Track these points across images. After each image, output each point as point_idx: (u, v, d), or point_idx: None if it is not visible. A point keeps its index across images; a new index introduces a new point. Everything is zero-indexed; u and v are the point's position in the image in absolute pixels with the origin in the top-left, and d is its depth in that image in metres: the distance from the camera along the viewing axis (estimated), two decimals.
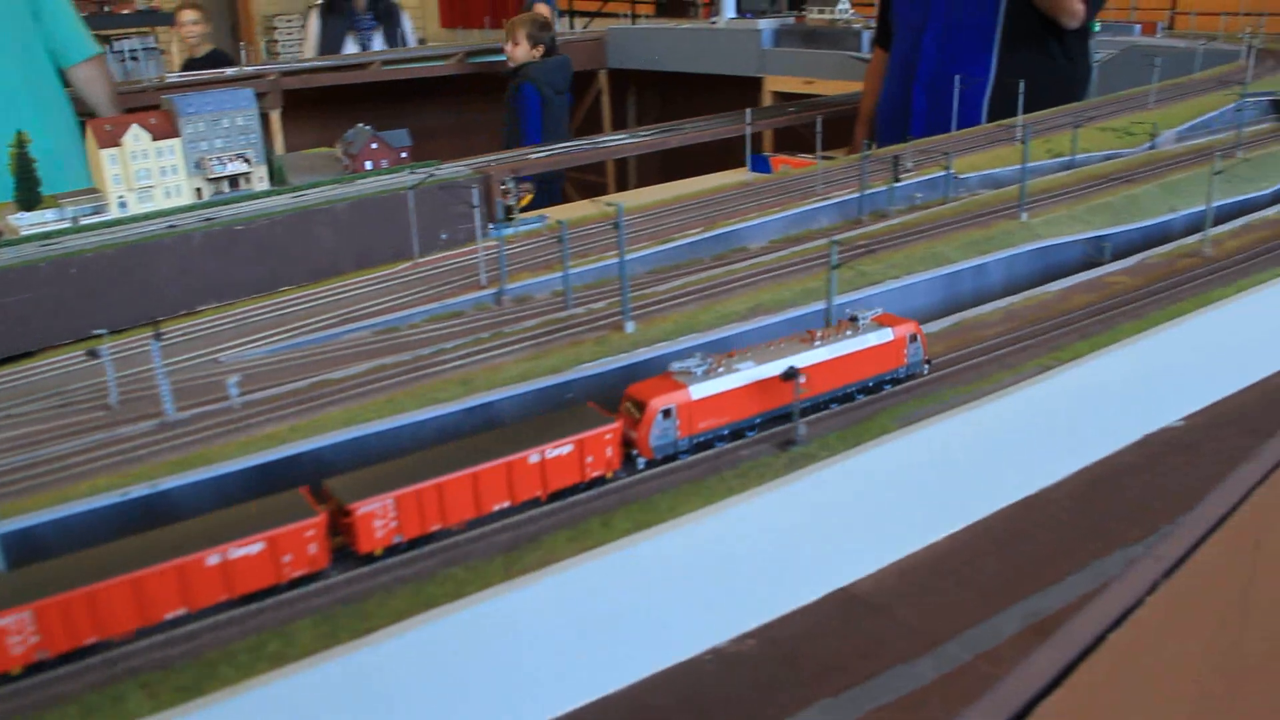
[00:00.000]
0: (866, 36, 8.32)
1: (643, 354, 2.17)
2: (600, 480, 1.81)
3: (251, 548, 1.53)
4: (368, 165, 5.07)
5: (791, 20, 9.53)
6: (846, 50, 8.53)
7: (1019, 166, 3.90)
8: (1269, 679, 3.13)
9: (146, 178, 4.49)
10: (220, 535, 1.54)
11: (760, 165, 6.67)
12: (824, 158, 4.66)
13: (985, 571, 1.90)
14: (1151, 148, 4.26)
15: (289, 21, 18.37)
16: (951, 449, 1.93)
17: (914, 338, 2.19)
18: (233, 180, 4.83)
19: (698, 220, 3.21)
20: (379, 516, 1.62)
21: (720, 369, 1.92)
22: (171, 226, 4.25)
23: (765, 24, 9.33)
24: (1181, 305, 2.53)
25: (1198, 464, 2.33)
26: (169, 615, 1.51)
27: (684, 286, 2.53)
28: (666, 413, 1.85)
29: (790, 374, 1.85)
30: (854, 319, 2.15)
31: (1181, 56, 6.68)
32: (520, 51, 8.61)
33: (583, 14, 16.86)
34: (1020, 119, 4.38)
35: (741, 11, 10.60)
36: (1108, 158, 4.17)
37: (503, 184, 5.09)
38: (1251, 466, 2.43)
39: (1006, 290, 2.79)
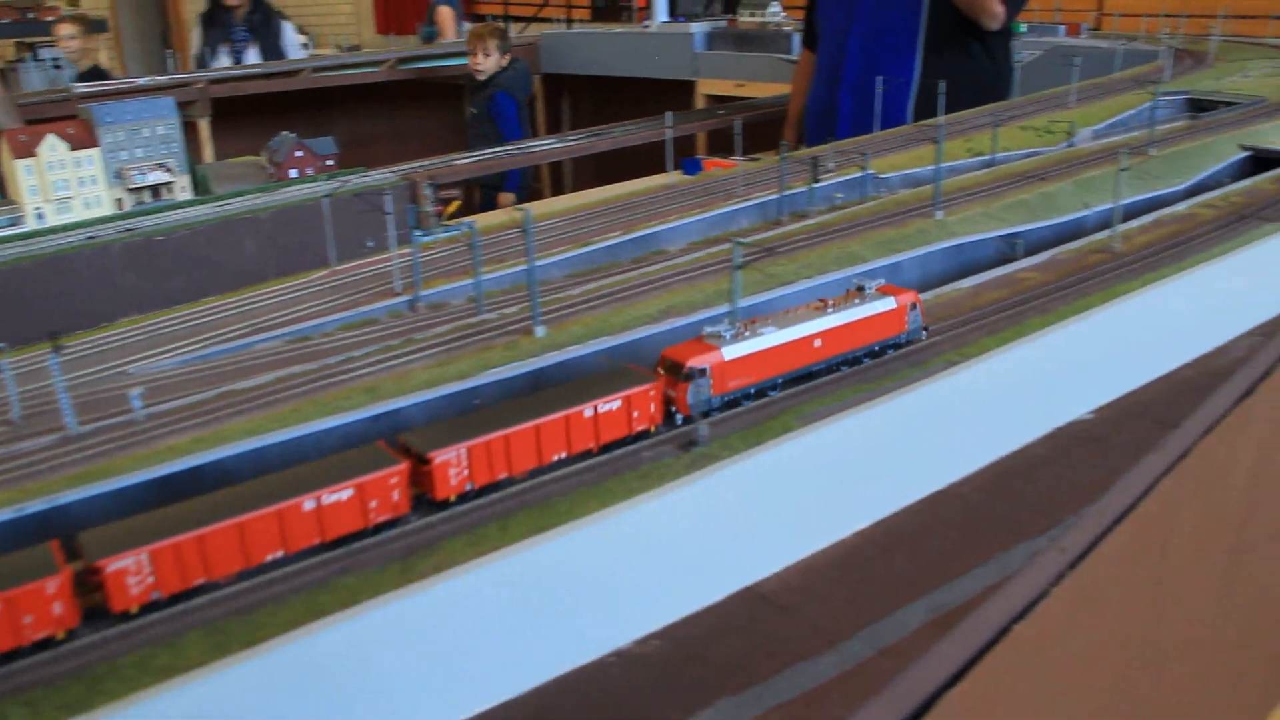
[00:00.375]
0: (797, 39, 8.38)
1: (552, 358, 2.17)
2: (645, 434, 1.95)
3: (342, 494, 1.64)
4: (292, 173, 5.02)
5: (724, 24, 9.58)
6: (777, 53, 8.59)
7: (938, 166, 3.96)
8: (1185, 666, 3.18)
9: (64, 188, 4.42)
10: (312, 483, 1.64)
11: (692, 168, 6.69)
12: (752, 159, 4.69)
13: (891, 568, 1.91)
14: (1069, 146, 4.32)
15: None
16: (856, 446, 1.94)
17: (914, 306, 2.35)
18: (154, 190, 4.77)
19: (619, 223, 3.21)
20: (454, 465, 1.73)
21: (747, 334, 2.06)
22: (91, 238, 4.19)
23: (697, 28, 9.37)
24: (1089, 300, 2.57)
25: (1106, 456, 2.37)
26: (269, 557, 1.61)
27: (597, 290, 2.53)
28: (702, 372, 1.98)
29: (689, 375, 1.85)
30: (860, 288, 2.30)
31: (1103, 56, 6.79)
32: (491, 62, 8.83)
33: (519, 19, 16.84)
34: (941, 119, 4.43)
35: (675, 15, 10.63)
36: (1028, 156, 4.23)
37: (428, 192, 5.08)
38: (1157, 457, 2.47)
39: (921, 288, 2.81)
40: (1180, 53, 7.01)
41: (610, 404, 1.89)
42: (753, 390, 2.09)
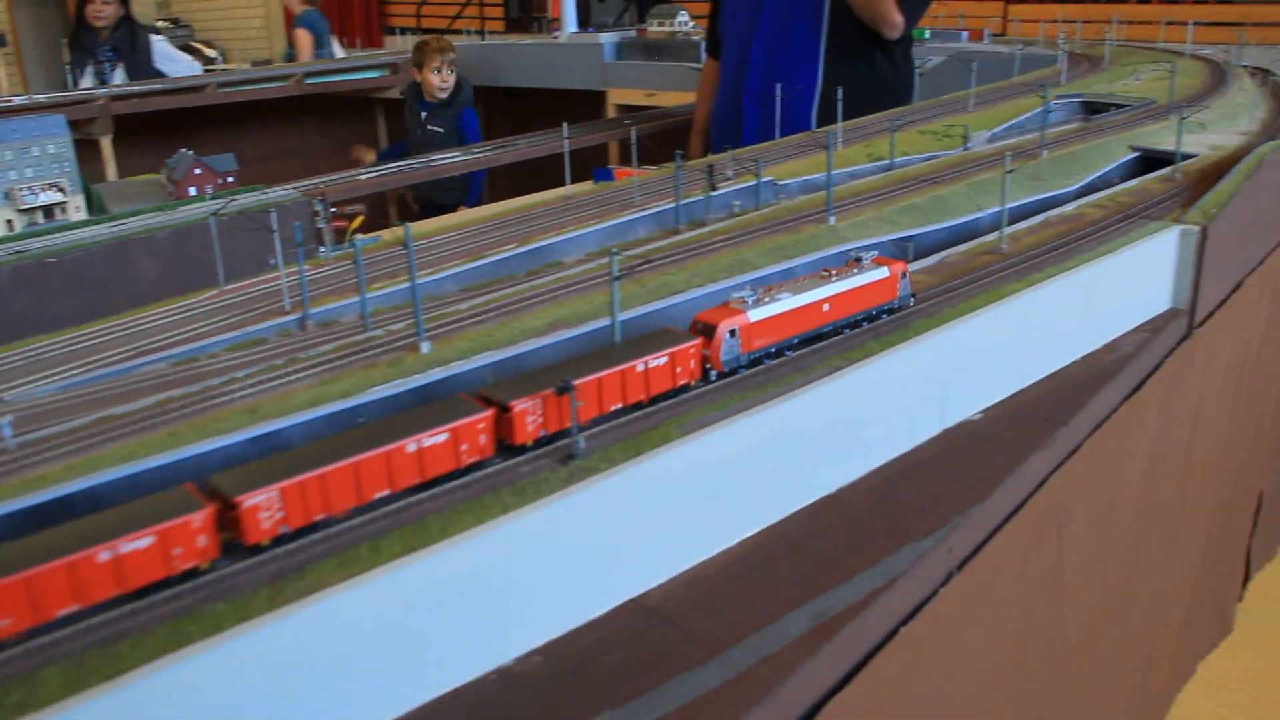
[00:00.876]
0: None
1: (436, 374, 2.14)
2: (686, 387, 2.16)
3: (439, 437, 1.81)
4: (191, 191, 4.93)
5: (633, 34, 9.61)
6: (686, 62, 8.63)
7: (839, 171, 4.00)
8: (1089, 658, 3.23)
9: None
10: (412, 428, 1.82)
11: (603, 177, 6.70)
12: (663, 168, 4.70)
13: (777, 575, 1.91)
14: (966, 149, 4.39)
15: None
16: (739, 455, 1.94)
17: (904, 275, 2.60)
18: (47, 211, 4.66)
19: (515, 236, 3.19)
20: (530, 414, 1.93)
21: (766, 299, 2.28)
22: None
23: (606, 38, 9.39)
24: (975, 301, 2.60)
25: (993, 456, 2.40)
26: (377, 495, 1.79)
27: (486, 304, 2.51)
28: (732, 332, 2.21)
29: (564, 388, 1.84)
30: (858, 259, 2.55)
31: (1003, 61, 6.92)
32: (453, 80, 8.87)
33: (431, 30, 16.74)
34: (838, 126, 4.47)
35: (586, 26, 10.64)
36: (928, 159, 4.28)
37: (334, 209, 5.02)
38: (1046, 455, 2.50)
39: None
40: (1077, 57, 7.17)
41: (658, 360, 2.10)
42: (773, 349, 2.33)
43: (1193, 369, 3.47)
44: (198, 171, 4.96)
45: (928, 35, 8.39)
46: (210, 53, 17.97)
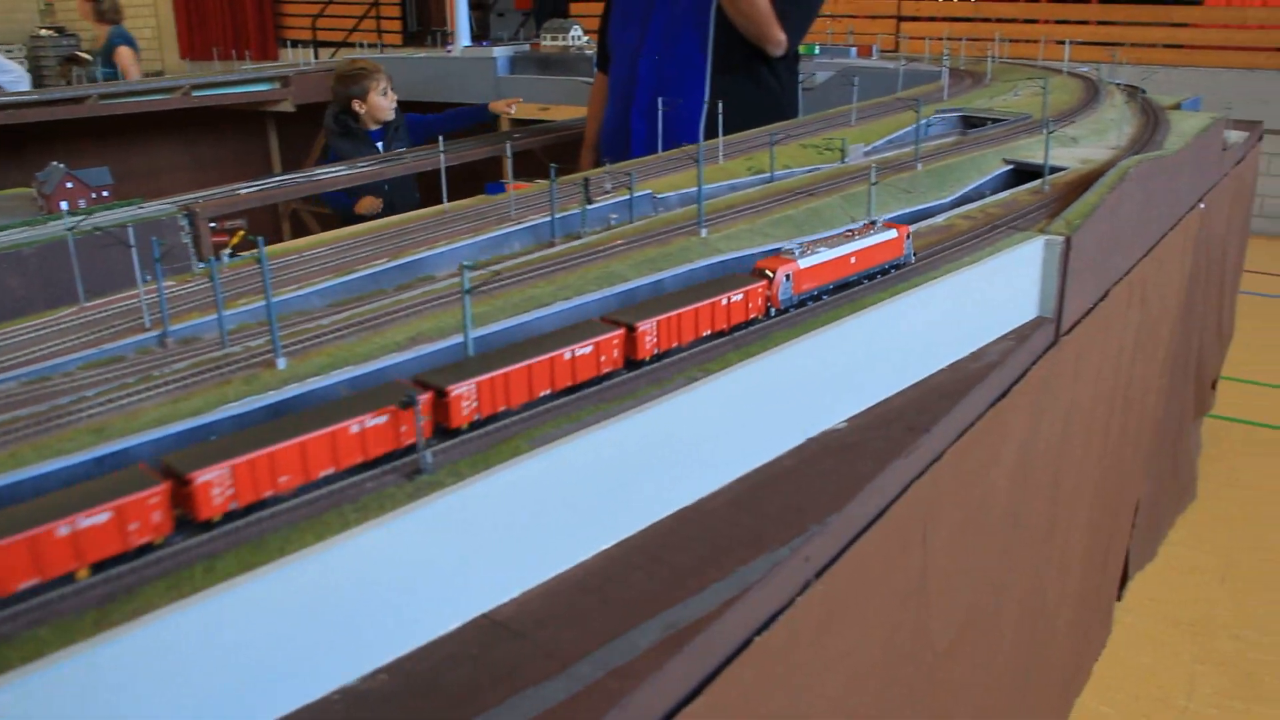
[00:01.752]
0: None
1: (292, 390, 2.10)
2: (755, 320, 2.59)
3: (586, 349, 2.17)
4: (63, 205, 4.81)
5: (526, 48, 9.60)
6: (579, 76, 8.64)
7: (720, 184, 4.03)
8: (963, 666, 3.28)
9: None
10: (563, 342, 2.16)
11: (495, 191, 6.67)
12: (564, 181, 4.70)
13: (632, 588, 1.91)
14: (844, 163, 4.45)
15: (8, 52, 17.38)
16: (592, 467, 1.94)
17: (909, 236, 3.03)
18: None
19: (387, 250, 3.16)
20: (649, 335, 2.29)
21: (809, 252, 2.74)
22: None
23: (500, 52, 9.36)
24: (838, 310, 2.64)
25: (854, 464, 2.43)
26: (544, 393, 2.11)
27: (349, 319, 2.47)
28: (788, 276, 2.64)
29: (408, 402, 1.83)
30: (872, 223, 3.01)
31: (889, 76, 7.05)
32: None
33: (328, 44, 16.56)
34: (720, 140, 4.52)
35: (481, 40, 10.61)
36: (809, 172, 4.33)
37: (216, 225, 4.92)
38: (908, 462, 2.54)
39: None
40: (961, 73, 7.33)
41: (736, 296, 2.49)
42: (815, 292, 2.76)
43: (1060, 376, 3.55)
44: (69, 185, 4.82)
45: (818, 51, 8.51)
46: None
